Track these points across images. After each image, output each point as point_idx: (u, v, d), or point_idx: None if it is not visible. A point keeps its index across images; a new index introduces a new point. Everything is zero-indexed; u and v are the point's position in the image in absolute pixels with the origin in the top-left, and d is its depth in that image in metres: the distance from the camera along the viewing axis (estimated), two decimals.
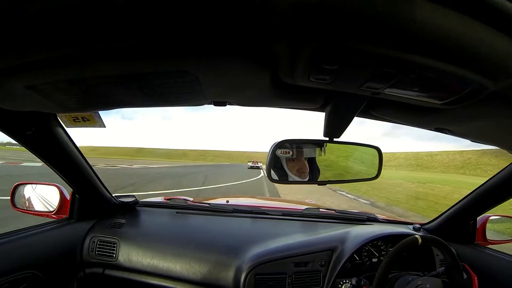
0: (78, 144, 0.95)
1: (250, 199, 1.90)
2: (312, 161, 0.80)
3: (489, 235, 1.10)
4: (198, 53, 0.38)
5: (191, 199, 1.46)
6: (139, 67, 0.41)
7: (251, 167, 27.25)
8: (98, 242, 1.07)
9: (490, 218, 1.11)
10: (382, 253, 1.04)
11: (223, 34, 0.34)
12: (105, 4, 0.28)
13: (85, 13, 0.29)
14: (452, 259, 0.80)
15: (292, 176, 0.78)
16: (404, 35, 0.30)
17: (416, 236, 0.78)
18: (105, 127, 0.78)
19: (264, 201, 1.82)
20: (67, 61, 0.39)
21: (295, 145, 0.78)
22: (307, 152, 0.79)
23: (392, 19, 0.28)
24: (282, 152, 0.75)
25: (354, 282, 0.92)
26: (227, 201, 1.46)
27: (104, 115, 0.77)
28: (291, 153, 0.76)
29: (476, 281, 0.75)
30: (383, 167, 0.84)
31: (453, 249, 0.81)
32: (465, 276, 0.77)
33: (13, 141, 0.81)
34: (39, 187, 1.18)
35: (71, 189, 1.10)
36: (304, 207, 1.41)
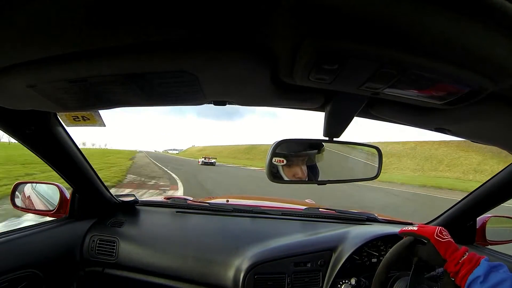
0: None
1: (250, 198, 1.90)
2: (311, 162, 0.80)
3: (489, 236, 1.10)
4: (198, 52, 0.38)
5: (191, 198, 1.46)
6: (139, 66, 0.41)
7: (205, 163, 23.37)
8: (98, 241, 1.07)
9: (490, 218, 1.11)
10: (382, 253, 1.03)
11: (222, 34, 0.34)
12: (105, 4, 0.28)
13: (84, 13, 0.29)
14: (404, 248, 0.73)
15: (289, 181, 0.78)
16: (404, 35, 0.30)
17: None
18: (105, 126, 0.78)
19: (264, 200, 1.82)
20: (67, 61, 0.39)
21: (292, 150, 0.78)
22: (303, 159, 0.79)
23: (392, 19, 0.28)
24: (276, 161, 0.75)
25: (354, 282, 0.92)
26: (227, 201, 1.46)
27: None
28: (284, 161, 0.76)
29: (436, 234, 0.66)
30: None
31: (399, 243, 0.75)
32: (425, 241, 0.68)
33: None
34: (39, 186, 1.19)
35: (71, 188, 1.10)
36: (304, 206, 1.41)
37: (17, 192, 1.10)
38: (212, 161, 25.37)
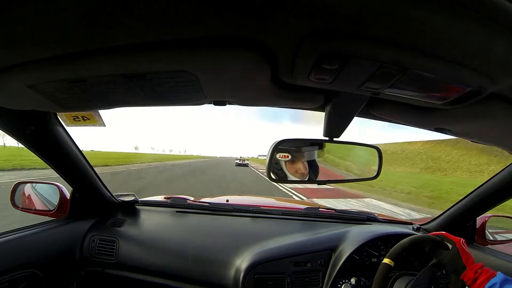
0: None
1: (250, 198, 1.90)
2: (312, 161, 0.80)
3: (489, 235, 1.10)
4: (198, 52, 0.38)
5: (191, 198, 1.46)
6: (139, 66, 0.41)
7: (238, 165, 28.65)
8: (98, 241, 1.07)
9: (490, 218, 1.11)
10: (382, 253, 1.04)
11: (222, 34, 0.34)
12: (104, 4, 0.28)
13: (84, 13, 0.29)
14: (429, 242, 0.76)
15: (291, 177, 0.78)
16: (404, 35, 0.30)
17: (384, 262, 0.75)
18: (105, 126, 0.78)
19: (264, 200, 1.82)
20: (67, 61, 0.39)
21: (294, 147, 0.78)
22: (307, 154, 0.80)
23: (392, 18, 0.28)
24: (281, 156, 0.76)
25: (354, 282, 0.92)
26: (227, 200, 1.47)
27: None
28: (290, 157, 0.77)
29: (462, 242, 0.72)
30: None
31: (426, 234, 0.78)
32: (450, 246, 0.73)
33: None
34: (39, 186, 1.19)
35: (71, 188, 1.10)
36: (304, 206, 1.41)
37: (17, 192, 1.10)
38: (246, 162, 29.99)
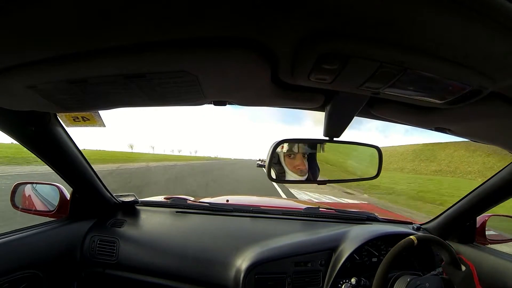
0: None
1: (250, 198, 1.90)
2: (312, 160, 0.80)
3: (489, 235, 1.11)
4: (198, 52, 0.38)
5: (192, 198, 1.46)
6: (139, 66, 0.41)
7: (259, 165, 29.36)
8: (98, 242, 1.07)
9: (490, 217, 1.11)
10: (382, 252, 1.04)
11: (222, 34, 0.34)
12: (104, 4, 0.28)
13: (84, 13, 0.29)
14: (449, 254, 0.80)
15: (290, 173, 0.78)
16: (404, 35, 0.30)
17: (411, 237, 0.78)
18: (105, 126, 0.78)
19: (264, 200, 1.82)
20: (67, 61, 0.39)
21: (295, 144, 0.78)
22: (305, 148, 0.80)
23: (392, 18, 0.28)
24: (280, 148, 0.76)
25: (354, 282, 0.92)
26: (227, 200, 1.47)
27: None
28: (286, 147, 0.76)
29: (475, 270, 0.75)
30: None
31: (449, 244, 0.81)
32: (463, 268, 0.77)
33: None
34: (39, 187, 1.19)
35: (71, 189, 1.10)
36: (304, 206, 1.41)
37: (17, 193, 1.10)
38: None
